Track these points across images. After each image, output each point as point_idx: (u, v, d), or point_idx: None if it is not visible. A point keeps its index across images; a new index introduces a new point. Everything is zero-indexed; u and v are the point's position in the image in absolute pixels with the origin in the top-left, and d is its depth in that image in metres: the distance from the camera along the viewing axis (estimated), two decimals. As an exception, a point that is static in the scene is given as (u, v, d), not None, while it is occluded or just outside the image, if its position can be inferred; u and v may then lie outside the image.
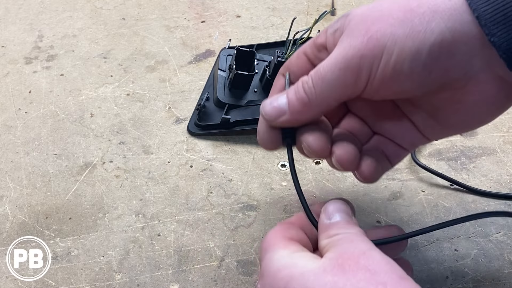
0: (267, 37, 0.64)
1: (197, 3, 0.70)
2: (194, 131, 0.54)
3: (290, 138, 0.37)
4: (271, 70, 0.54)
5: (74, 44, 0.64)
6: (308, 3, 0.69)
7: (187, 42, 0.64)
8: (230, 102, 0.54)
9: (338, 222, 0.34)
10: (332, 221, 0.34)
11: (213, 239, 0.45)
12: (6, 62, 0.62)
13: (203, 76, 0.59)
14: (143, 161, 0.51)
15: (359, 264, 0.29)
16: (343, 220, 0.34)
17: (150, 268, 0.44)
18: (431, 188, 0.48)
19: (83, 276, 0.43)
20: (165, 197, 0.48)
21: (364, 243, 0.32)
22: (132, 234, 0.46)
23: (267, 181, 0.50)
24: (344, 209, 0.35)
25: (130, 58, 0.62)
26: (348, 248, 0.31)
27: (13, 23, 0.67)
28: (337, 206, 0.35)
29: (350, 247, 0.31)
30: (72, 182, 0.50)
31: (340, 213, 0.35)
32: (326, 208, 0.35)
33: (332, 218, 0.34)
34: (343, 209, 0.35)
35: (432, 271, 0.43)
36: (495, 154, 0.51)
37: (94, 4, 0.70)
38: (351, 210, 0.36)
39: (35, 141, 0.53)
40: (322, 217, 0.35)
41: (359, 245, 0.31)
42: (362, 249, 0.31)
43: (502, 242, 0.45)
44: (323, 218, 0.35)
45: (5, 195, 0.49)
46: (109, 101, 0.57)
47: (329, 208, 0.35)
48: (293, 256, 0.32)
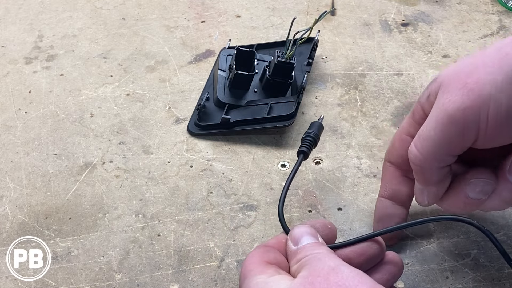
0: (267, 37, 0.64)
1: (197, 3, 0.70)
2: (194, 131, 0.54)
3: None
4: (271, 70, 0.54)
5: (74, 44, 0.64)
6: (308, 3, 0.69)
7: (187, 42, 0.64)
8: (230, 102, 0.54)
9: (304, 246, 0.35)
10: (299, 246, 0.35)
11: (213, 239, 0.45)
12: (6, 62, 0.62)
13: (203, 76, 0.59)
14: (143, 161, 0.51)
15: (329, 280, 0.31)
16: (309, 243, 0.35)
17: (150, 268, 0.44)
18: (431, 188, 0.48)
19: (83, 276, 0.43)
20: (165, 197, 0.48)
21: (332, 260, 0.33)
22: (132, 234, 0.46)
23: (267, 181, 0.50)
24: (309, 232, 0.36)
25: (130, 58, 0.62)
26: (317, 266, 0.32)
27: (13, 23, 0.67)
28: (302, 230, 0.36)
29: (319, 265, 0.32)
30: (72, 182, 0.50)
31: (306, 237, 0.35)
32: (292, 234, 0.36)
33: (299, 243, 0.35)
34: (308, 232, 0.36)
35: (432, 271, 0.43)
36: (495, 154, 0.51)
37: (94, 4, 0.70)
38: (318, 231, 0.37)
39: (35, 141, 0.53)
40: (289, 244, 0.36)
41: (328, 263, 0.32)
42: (330, 266, 0.32)
43: (502, 242, 0.44)
44: (290, 245, 0.36)
45: (5, 195, 0.49)
46: (109, 101, 0.57)
47: (295, 234, 0.36)
48: (268, 280, 0.33)
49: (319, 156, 0.51)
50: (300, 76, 0.56)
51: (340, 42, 0.63)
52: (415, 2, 0.69)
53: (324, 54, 0.62)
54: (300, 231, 0.36)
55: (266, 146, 0.53)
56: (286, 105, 0.53)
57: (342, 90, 0.58)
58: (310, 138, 0.45)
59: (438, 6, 0.68)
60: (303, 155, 0.44)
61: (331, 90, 0.58)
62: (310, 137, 0.45)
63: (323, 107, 0.56)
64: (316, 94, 0.57)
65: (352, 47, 0.63)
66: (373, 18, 0.67)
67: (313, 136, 0.45)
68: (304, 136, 0.45)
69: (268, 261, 0.34)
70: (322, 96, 0.57)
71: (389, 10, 0.68)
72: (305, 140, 0.45)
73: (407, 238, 0.45)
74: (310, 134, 0.45)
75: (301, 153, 0.44)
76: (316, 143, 0.45)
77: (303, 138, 0.45)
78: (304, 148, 0.44)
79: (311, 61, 0.57)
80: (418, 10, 0.68)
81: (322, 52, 0.62)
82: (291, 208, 0.47)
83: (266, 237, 0.45)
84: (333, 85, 0.58)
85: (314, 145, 0.45)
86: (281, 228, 0.39)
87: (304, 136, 0.45)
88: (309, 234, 0.36)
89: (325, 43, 0.63)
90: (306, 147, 0.44)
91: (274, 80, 0.54)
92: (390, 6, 0.68)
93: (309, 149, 0.44)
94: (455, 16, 0.66)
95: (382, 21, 0.66)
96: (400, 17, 0.67)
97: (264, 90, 0.55)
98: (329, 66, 0.61)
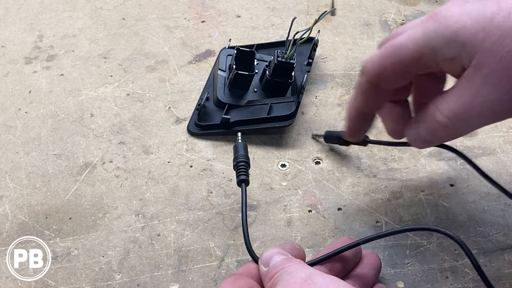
0: (267, 37, 0.64)
1: (197, 3, 0.70)
2: (194, 131, 0.54)
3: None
4: (271, 70, 0.54)
5: (74, 44, 0.64)
6: (308, 3, 0.69)
7: (187, 42, 0.64)
8: (230, 102, 0.54)
9: (274, 264, 0.35)
10: (270, 266, 0.35)
11: (213, 239, 0.45)
12: (6, 62, 0.62)
13: (203, 76, 0.59)
14: (143, 161, 0.51)
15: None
16: (279, 260, 0.35)
17: (150, 268, 0.44)
18: (431, 188, 0.48)
19: (83, 276, 0.43)
20: (165, 197, 0.48)
21: (304, 271, 0.33)
22: (132, 234, 0.46)
23: (267, 181, 0.50)
24: (278, 251, 0.36)
25: (130, 58, 0.62)
26: (290, 280, 0.32)
27: (13, 23, 0.67)
28: (271, 252, 0.36)
29: (291, 279, 0.32)
30: (72, 182, 0.50)
31: (275, 256, 0.36)
32: (262, 258, 0.36)
33: (270, 263, 0.35)
34: (277, 252, 0.36)
35: (432, 271, 0.43)
36: (495, 154, 0.51)
37: (94, 4, 0.70)
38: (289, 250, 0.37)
39: (35, 141, 0.53)
40: (261, 267, 0.36)
41: (299, 274, 0.32)
42: (302, 277, 0.32)
43: (502, 242, 0.45)
44: (262, 268, 0.36)
45: (5, 195, 0.49)
46: (109, 101, 0.57)
47: (265, 257, 0.36)
48: None
49: (319, 156, 0.51)
50: (300, 76, 0.56)
51: (340, 42, 0.63)
52: (415, 2, 0.69)
53: (324, 54, 0.62)
54: (269, 253, 0.36)
55: (266, 146, 0.53)
56: (286, 105, 0.53)
57: (342, 90, 0.58)
58: (242, 163, 0.44)
59: (438, 6, 0.68)
60: (244, 184, 0.43)
61: (331, 90, 0.58)
62: (243, 162, 0.44)
63: (323, 107, 0.56)
64: (316, 94, 0.57)
65: (352, 47, 0.63)
66: (373, 18, 0.67)
67: (244, 160, 0.44)
68: (236, 163, 0.44)
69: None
70: (322, 96, 0.57)
71: (389, 10, 0.68)
72: (240, 167, 0.43)
73: (407, 238, 0.45)
74: (242, 159, 0.44)
75: (242, 181, 0.43)
76: (249, 164, 0.44)
77: (236, 165, 0.44)
78: (243, 177, 0.43)
79: (311, 61, 0.57)
80: (418, 10, 0.68)
81: (322, 52, 0.62)
82: (291, 208, 0.47)
83: (266, 237, 0.45)
84: (333, 85, 0.58)
85: (249, 167, 0.44)
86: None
87: (235, 163, 0.44)
88: (278, 253, 0.36)
89: (325, 43, 0.63)
90: (245, 174, 0.43)
91: (274, 80, 0.54)
92: (390, 6, 0.68)
93: (247, 175, 0.43)
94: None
95: (382, 21, 0.66)
96: (400, 17, 0.67)
97: (264, 90, 0.55)
98: (329, 66, 0.61)
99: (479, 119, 0.32)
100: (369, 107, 0.39)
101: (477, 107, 0.31)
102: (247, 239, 0.40)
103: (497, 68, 0.29)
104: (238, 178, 0.43)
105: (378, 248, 0.44)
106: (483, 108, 0.31)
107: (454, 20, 0.31)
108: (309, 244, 0.45)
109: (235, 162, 0.44)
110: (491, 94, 0.30)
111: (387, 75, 0.35)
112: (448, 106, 0.33)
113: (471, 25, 0.30)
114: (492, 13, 0.30)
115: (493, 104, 0.31)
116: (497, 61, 0.29)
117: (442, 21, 0.31)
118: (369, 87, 0.37)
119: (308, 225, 0.46)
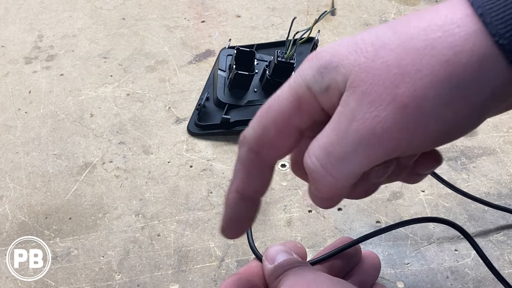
0: (267, 37, 0.64)
1: (197, 3, 0.70)
2: (194, 131, 0.54)
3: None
4: (271, 70, 0.54)
5: (74, 44, 0.64)
6: (308, 3, 0.69)
7: (187, 42, 0.64)
8: (230, 102, 0.54)
9: (280, 262, 0.35)
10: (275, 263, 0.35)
11: (213, 239, 0.45)
12: (6, 62, 0.62)
13: (203, 76, 0.59)
14: (143, 161, 0.51)
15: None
16: (285, 260, 0.35)
17: (150, 268, 0.44)
18: (431, 188, 0.48)
19: (83, 276, 0.43)
20: (165, 197, 0.48)
21: (311, 273, 0.33)
22: (132, 234, 0.46)
23: (267, 181, 0.50)
24: (283, 249, 0.36)
25: (130, 58, 0.62)
26: (297, 280, 0.32)
27: (13, 23, 0.67)
28: (276, 249, 0.36)
29: (298, 279, 0.32)
30: (72, 182, 0.50)
31: (281, 254, 0.35)
32: (267, 254, 0.36)
33: (275, 261, 0.35)
34: (282, 249, 0.36)
35: (432, 271, 0.43)
36: (495, 154, 0.51)
37: (94, 4, 0.70)
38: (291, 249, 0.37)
39: (35, 141, 0.53)
40: (265, 264, 0.36)
41: (307, 276, 0.32)
42: (310, 278, 0.32)
43: (502, 242, 0.45)
44: (267, 265, 0.36)
45: (5, 195, 0.49)
46: (109, 101, 0.57)
47: (270, 253, 0.36)
48: None
49: (319, 156, 0.51)
50: (300, 76, 0.56)
51: (340, 42, 0.63)
52: (415, 2, 0.69)
53: (324, 54, 0.62)
54: (274, 250, 0.36)
55: (266, 146, 0.53)
56: (286, 105, 0.53)
57: (342, 90, 0.58)
58: None
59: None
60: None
61: (331, 90, 0.58)
62: None
63: (323, 107, 0.56)
64: (316, 94, 0.57)
65: (352, 47, 0.63)
66: (373, 18, 0.67)
67: None
68: None
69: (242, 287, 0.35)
70: (322, 96, 0.57)
71: (389, 10, 0.68)
72: None
73: (407, 238, 0.45)
74: None
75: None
76: None
77: None
78: None
79: (311, 61, 0.57)
80: (418, 10, 0.68)
81: (322, 52, 0.62)
82: (291, 208, 0.47)
83: (266, 237, 0.45)
84: (333, 85, 0.58)
85: None
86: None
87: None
88: (284, 251, 0.36)
89: (325, 43, 0.63)
90: None
91: (274, 80, 0.54)
92: (390, 6, 0.68)
93: None
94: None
95: (382, 21, 0.66)
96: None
97: (264, 90, 0.55)
98: (329, 66, 0.60)
99: (359, 152, 0.26)
100: (251, 187, 0.31)
101: (353, 133, 0.25)
102: (250, 237, 0.39)
103: (374, 82, 0.25)
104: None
105: (378, 248, 0.44)
106: (361, 132, 0.25)
107: (325, 52, 0.27)
108: (309, 244, 0.45)
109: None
110: (369, 112, 0.25)
111: (270, 137, 0.29)
112: (318, 143, 0.27)
113: (343, 49, 0.27)
114: (363, 36, 0.27)
115: (373, 124, 0.25)
116: (373, 75, 0.25)
117: (314, 58, 0.28)
118: (250, 158, 0.30)
119: (308, 225, 0.46)
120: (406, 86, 0.24)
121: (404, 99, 0.24)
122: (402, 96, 0.24)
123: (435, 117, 0.25)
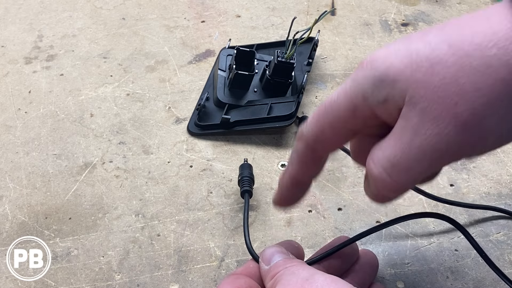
0: (267, 37, 0.64)
1: (197, 3, 0.70)
2: (194, 131, 0.54)
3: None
4: (271, 70, 0.54)
5: (74, 44, 0.64)
6: (308, 3, 0.69)
7: (187, 42, 0.64)
8: (230, 102, 0.54)
9: (276, 263, 0.35)
10: (271, 264, 0.35)
11: (213, 239, 0.45)
12: (6, 62, 0.62)
13: (203, 76, 0.59)
14: (143, 161, 0.51)
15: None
16: (281, 260, 0.35)
17: (150, 268, 0.44)
18: (431, 188, 0.48)
19: (83, 276, 0.43)
20: (165, 197, 0.48)
21: (306, 271, 0.33)
22: (132, 234, 0.46)
23: (267, 181, 0.50)
24: (279, 250, 0.36)
25: (130, 58, 0.62)
26: (291, 279, 0.32)
27: (13, 23, 0.67)
28: (272, 250, 0.36)
29: (292, 278, 0.32)
30: (72, 182, 0.50)
31: (277, 255, 0.36)
32: (263, 256, 0.36)
33: (271, 262, 0.35)
34: (278, 250, 0.36)
35: (432, 271, 0.43)
36: (495, 154, 0.51)
37: (94, 4, 0.70)
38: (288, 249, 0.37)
39: (35, 141, 0.53)
40: (262, 265, 0.36)
41: (301, 274, 0.32)
42: (304, 277, 0.32)
43: (502, 242, 0.45)
44: (263, 266, 0.36)
45: (5, 195, 0.49)
46: (109, 101, 0.57)
47: (265, 254, 0.36)
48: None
49: (319, 156, 0.51)
50: (300, 76, 0.56)
51: (340, 42, 0.63)
52: (415, 2, 0.69)
53: (324, 54, 0.62)
54: (270, 251, 0.36)
55: (266, 146, 0.53)
56: (286, 105, 0.53)
57: (342, 90, 0.58)
58: (247, 177, 0.47)
59: (438, 6, 0.68)
60: (248, 194, 0.45)
61: (331, 90, 0.58)
62: (247, 177, 0.47)
63: (323, 107, 0.56)
64: (316, 94, 0.57)
65: (352, 47, 0.63)
66: (373, 18, 0.67)
67: (249, 176, 0.47)
68: (241, 178, 0.47)
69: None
70: (322, 96, 0.57)
71: (389, 10, 0.68)
72: (244, 181, 0.46)
73: (407, 238, 0.45)
74: (246, 175, 0.47)
75: (246, 192, 0.46)
76: (253, 180, 0.47)
77: (241, 180, 0.47)
78: (247, 187, 0.46)
79: (311, 61, 0.57)
80: (418, 10, 0.68)
81: (322, 52, 0.62)
82: (291, 208, 0.47)
83: (266, 237, 0.45)
84: (333, 85, 0.58)
85: (253, 183, 0.47)
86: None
87: (240, 178, 0.47)
88: (279, 252, 0.36)
89: (325, 43, 0.63)
90: (249, 186, 0.46)
91: (274, 80, 0.54)
92: (390, 6, 0.68)
93: (251, 187, 0.46)
94: (455, 16, 0.66)
95: (382, 21, 0.66)
96: (400, 17, 0.67)
97: (264, 90, 0.55)
98: (329, 66, 0.61)
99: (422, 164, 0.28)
100: (305, 175, 0.36)
101: (417, 147, 0.27)
102: (247, 237, 0.40)
103: (433, 99, 0.26)
104: (242, 188, 0.46)
105: (379, 248, 0.44)
106: (425, 147, 0.27)
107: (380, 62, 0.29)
108: (309, 244, 0.45)
109: (240, 178, 0.47)
110: (431, 129, 0.27)
111: (326, 136, 0.32)
112: (384, 154, 0.29)
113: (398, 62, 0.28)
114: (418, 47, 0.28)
115: (435, 140, 0.27)
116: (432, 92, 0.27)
117: (368, 66, 0.29)
118: (307, 153, 0.34)
119: (308, 225, 0.46)
120: (466, 105, 0.26)
121: (464, 117, 0.26)
122: (462, 115, 0.26)
123: (493, 132, 0.26)
